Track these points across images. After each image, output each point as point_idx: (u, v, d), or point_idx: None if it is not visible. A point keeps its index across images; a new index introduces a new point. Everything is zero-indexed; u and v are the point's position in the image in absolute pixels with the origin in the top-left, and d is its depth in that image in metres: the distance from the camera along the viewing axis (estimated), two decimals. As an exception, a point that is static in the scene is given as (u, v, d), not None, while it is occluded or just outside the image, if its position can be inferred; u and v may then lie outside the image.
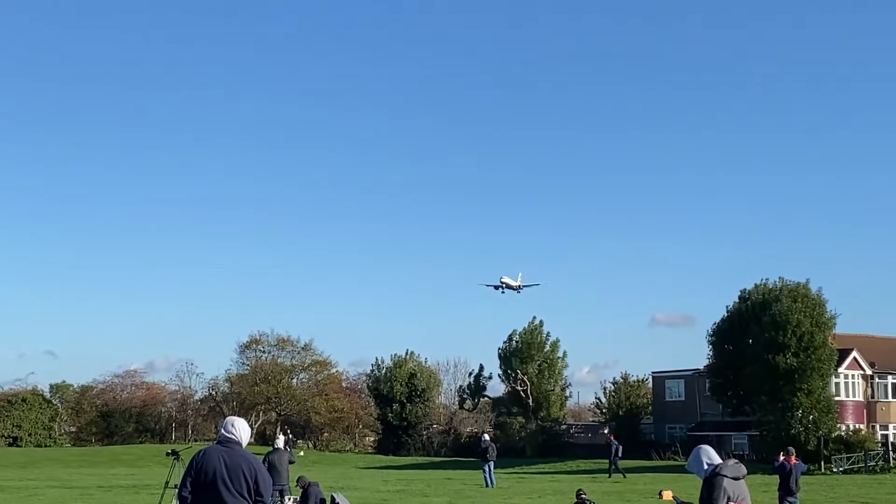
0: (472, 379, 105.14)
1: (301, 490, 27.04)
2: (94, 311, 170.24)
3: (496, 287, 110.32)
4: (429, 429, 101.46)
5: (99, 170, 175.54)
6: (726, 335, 76.42)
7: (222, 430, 9.91)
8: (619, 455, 57.88)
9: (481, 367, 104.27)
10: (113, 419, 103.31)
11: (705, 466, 9.39)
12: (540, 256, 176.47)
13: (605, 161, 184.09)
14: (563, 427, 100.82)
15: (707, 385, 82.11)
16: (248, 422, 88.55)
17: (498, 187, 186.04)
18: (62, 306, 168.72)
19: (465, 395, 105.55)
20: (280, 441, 29.91)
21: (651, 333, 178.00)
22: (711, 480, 9.26)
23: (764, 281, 76.27)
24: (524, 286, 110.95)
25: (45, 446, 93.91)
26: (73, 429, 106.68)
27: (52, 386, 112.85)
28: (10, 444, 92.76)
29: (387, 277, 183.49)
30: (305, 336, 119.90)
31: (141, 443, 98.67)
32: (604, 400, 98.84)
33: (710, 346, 78.76)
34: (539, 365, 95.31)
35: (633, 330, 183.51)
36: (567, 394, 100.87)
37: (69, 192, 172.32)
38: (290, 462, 28.33)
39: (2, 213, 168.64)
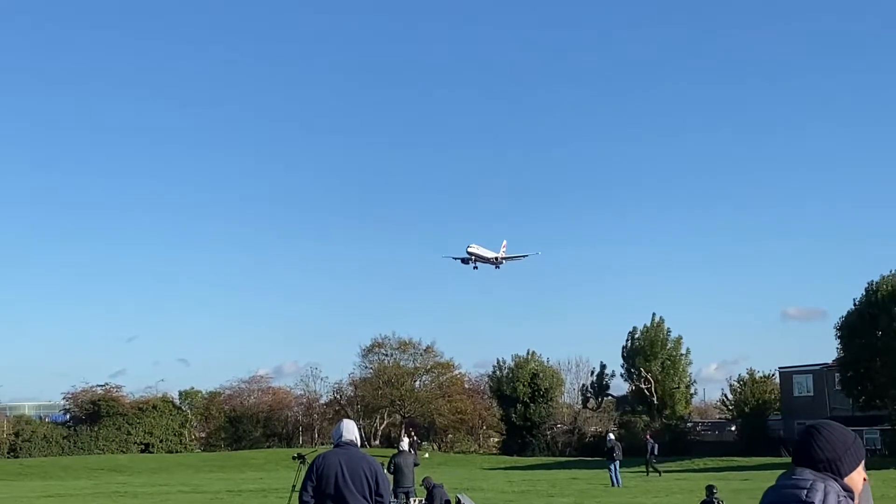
0: (594, 377, 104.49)
1: (426, 491, 27.19)
2: (226, 318, 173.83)
3: (464, 261, 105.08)
4: (553, 429, 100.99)
5: (223, 175, 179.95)
6: (855, 328, 74.62)
7: (341, 434, 9.98)
8: (656, 454, 59.69)
9: (603, 366, 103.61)
10: (241, 424, 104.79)
11: None
12: (674, 255, 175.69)
13: (743, 158, 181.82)
14: (689, 425, 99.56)
15: (837, 379, 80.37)
16: (373, 425, 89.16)
17: (623, 189, 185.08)
18: (196, 315, 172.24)
19: (588, 395, 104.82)
20: (405, 443, 30.03)
21: (782, 328, 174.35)
22: None
23: (892, 272, 74.45)
24: (506, 258, 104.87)
25: (176, 452, 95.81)
26: (202, 434, 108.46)
27: (181, 393, 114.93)
28: (142, 451, 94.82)
29: (504, 277, 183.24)
30: (427, 338, 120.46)
31: (268, 447, 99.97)
32: (730, 396, 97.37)
33: (839, 340, 77.11)
34: (662, 363, 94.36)
35: (764, 325, 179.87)
36: (692, 391, 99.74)
37: (201, 206, 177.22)
38: (415, 464, 28.44)
39: (140, 231, 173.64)
